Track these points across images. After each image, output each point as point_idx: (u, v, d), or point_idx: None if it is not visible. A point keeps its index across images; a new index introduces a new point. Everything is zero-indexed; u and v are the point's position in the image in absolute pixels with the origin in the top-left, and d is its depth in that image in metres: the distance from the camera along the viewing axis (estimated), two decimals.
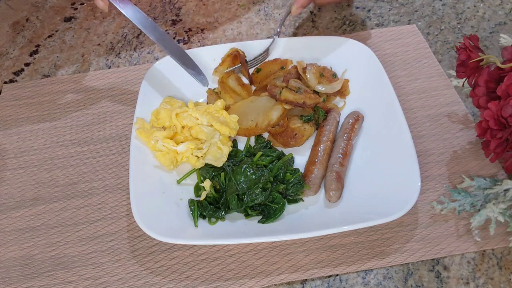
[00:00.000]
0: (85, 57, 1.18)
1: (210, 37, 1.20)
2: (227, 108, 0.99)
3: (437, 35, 1.15)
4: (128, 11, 0.95)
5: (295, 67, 1.03)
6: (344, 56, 1.03)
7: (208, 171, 0.89)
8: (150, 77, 1.02)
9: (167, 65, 1.03)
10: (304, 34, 1.18)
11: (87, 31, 1.25)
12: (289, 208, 0.86)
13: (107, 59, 1.17)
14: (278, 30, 1.05)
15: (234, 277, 0.80)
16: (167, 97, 1.00)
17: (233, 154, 0.92)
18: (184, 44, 1.19)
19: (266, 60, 1.07)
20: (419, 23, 1.18)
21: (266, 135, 0.97)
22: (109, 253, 0.84)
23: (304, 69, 1.00)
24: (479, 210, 0.83)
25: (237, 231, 0.83)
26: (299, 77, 1.01)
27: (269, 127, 0.94)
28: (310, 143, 0.95)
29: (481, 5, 1.20)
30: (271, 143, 0.94)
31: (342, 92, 1.01)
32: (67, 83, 1.12)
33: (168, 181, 0.90)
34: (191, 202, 0.86)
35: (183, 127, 0.94)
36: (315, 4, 1.06)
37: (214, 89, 1.03)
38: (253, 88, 1.05)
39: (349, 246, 0.82)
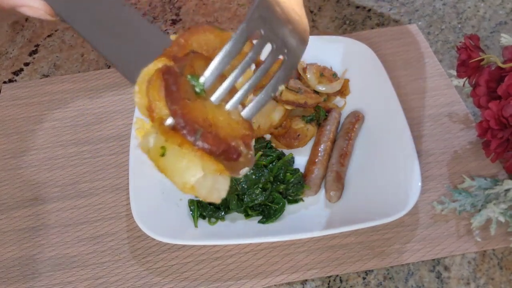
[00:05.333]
0: (85, 57, 1.18)
1: None
2: None
3: (437, 34, 1.15)
4: None
5: None
6: (344, 56, 1.03)
7: None
8: None
9: None
10: None
11: None
12: (289, 208, 0.85)
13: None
14: None
15: (234, 278, 0.80)
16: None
17: None
18: None
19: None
20: (419, 23, 1.17)
21: (267, 137, 0.96)
22: (109, 253, 0.84)
23: (304, 69, 1.00)
24: (480, 210, 0.83)
25: (237, 232, 0.82)
26: (299, 77, 1.01)
27: (272, 129, 0.93)
28: (310, 143, 0.95)
29: (482, 4, 1.20)
30: (271, 144, 0.94)
31: (343, 92, 1.01)
32: (66, 83, 1.11)
33: (168, 181, 0.90)
34: (191, 202, 0.86)
35: None
36: None
37: None
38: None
39: (350, 246, 0.82)
